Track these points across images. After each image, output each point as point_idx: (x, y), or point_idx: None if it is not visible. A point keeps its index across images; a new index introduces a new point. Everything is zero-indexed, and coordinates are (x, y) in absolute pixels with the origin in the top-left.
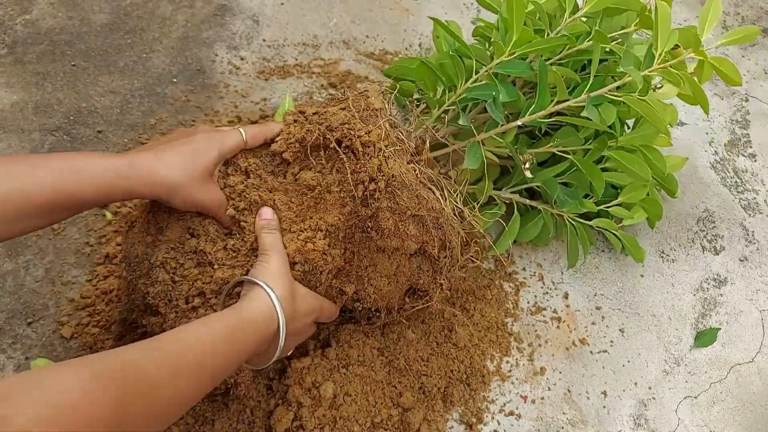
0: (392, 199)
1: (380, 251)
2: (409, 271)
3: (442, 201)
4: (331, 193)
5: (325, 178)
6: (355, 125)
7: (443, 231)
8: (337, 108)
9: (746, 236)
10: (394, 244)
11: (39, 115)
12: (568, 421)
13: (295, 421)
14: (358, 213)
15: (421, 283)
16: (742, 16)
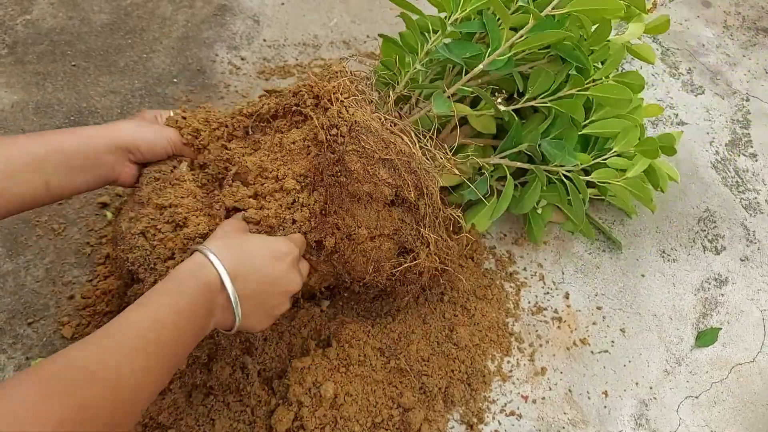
0: (357, 143)
1: (354, 199)
2: (390, 224)
3: (411, 145)
4: (295, 143)
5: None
6: (311, 85)
7: (417, 176)
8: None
9: (747, 236)
10: (367, 189)
11: (39, 116)
12: (569, 421)
13: (296, 421)
14: (325, 158)
15: (406, 239)
16: (743, 16)
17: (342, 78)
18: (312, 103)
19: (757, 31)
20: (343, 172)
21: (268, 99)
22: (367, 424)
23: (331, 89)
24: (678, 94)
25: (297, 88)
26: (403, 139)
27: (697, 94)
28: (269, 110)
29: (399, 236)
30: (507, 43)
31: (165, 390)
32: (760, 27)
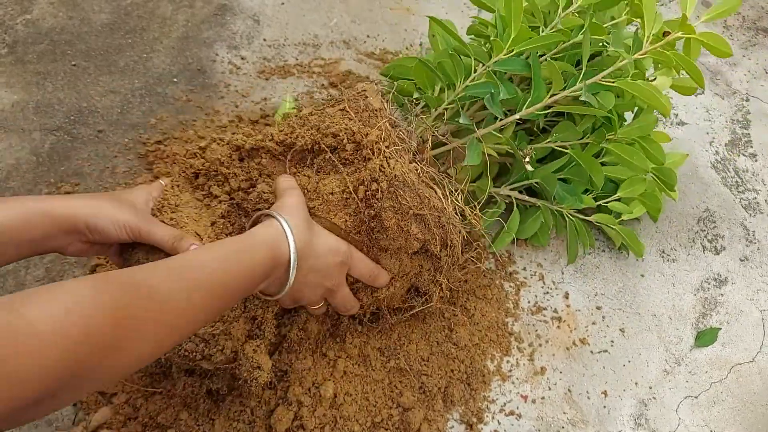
0: (395, 199)
1: (383, 251)
2: (411, 270)
3: (443, 200)
4: (334, 194)
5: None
6: (353, 127)
7: (445, 230)
8: (335, 110)
9: (747, 236)
10: (398, 244)
11: (40, 115)
12: (569, 421)
13: (296, 421)
14: (362, 213)
15: (423, 282)
16: (743, 16)
17: (383, 121)
18: (352, 148)
19: (757, 31)
20: (378, 228)
21: (305, 132)
22: (367, 423)
23: (374, 140)
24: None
25: (337, 131)
26: (437, 193)
27: (696, 94)
28: (303, 146)
29: (415, 279)
30: (549, 99)
31: (165, 392)
32: (759, 27)
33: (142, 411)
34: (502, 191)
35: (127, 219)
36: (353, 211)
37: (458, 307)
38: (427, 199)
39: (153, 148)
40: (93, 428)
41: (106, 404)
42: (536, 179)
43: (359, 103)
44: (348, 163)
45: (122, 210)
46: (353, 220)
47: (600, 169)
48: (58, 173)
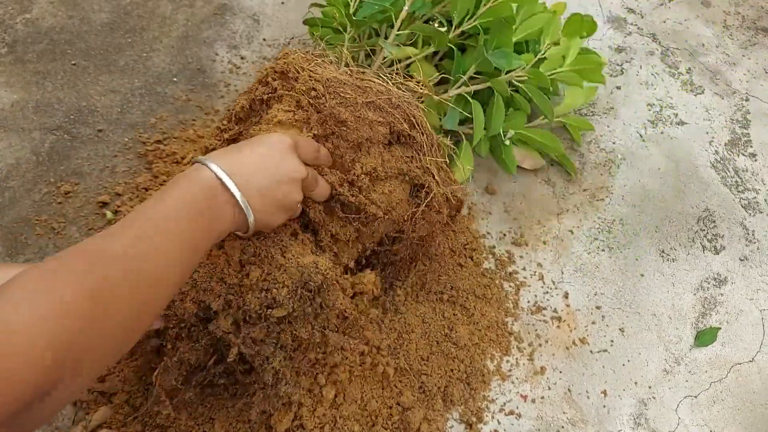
0: (337, 97)
1: (357, 147)
2: (396, 163)
3: (385, 83)
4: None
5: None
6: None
7: (402, 108)
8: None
9: (746, 236)
10: (364, 133)
11: (39, 114)
12: (569, 421)
13: (296, 421)
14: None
15: (415, 174)
16: (742, 16)
17: (295, 53)
18: (280, 84)
19: (757, 31)
20: (338, 125)
21: (239, 98)
22: (367, 423)
23: (293, 60)
24: (677, 93)
25: (261, 76)
26: (376, 81)
27: (696, 94)
28: (243, 108)
29: (407, 173)
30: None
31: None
32: (759, 27)
33: (142, 410)
34: (452, 92)
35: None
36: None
37: (458, 307)
38: (369, 88)
39: (153, 147)
40: (93, 427)
41: (105, 403)
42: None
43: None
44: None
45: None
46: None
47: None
48: (58, 172)
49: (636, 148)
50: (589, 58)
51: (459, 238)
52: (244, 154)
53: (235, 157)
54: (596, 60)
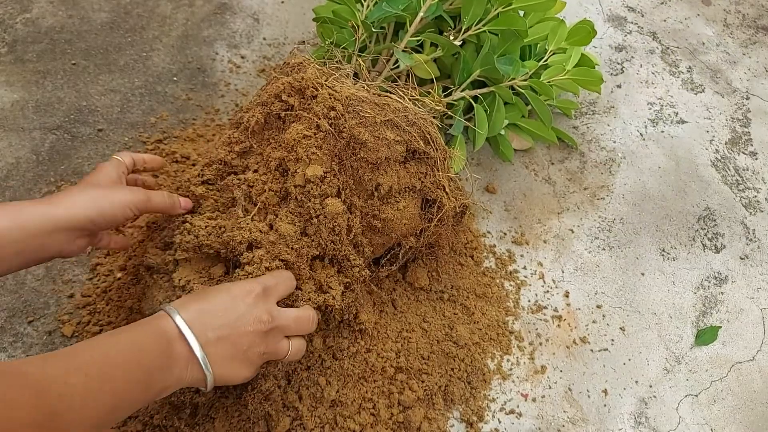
0: (357, 116)
1: (375, 167)
2: (411, 179)
3: (402, 101)
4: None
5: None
6: (288, 81)
7: (418, 125)
8: (269, 85)
9: (747, 234)
10: (383, 153)
11: (39, 114)
12: (569, 420)
13: (296, 421)
14: (336, 142)
15: (428, 190)
16: (743, 14)
17: (311, 64)
18: (297, 100)
19: (757, 30)
20: (358, 146)
21: (253, 110)
22: (367, 422)
23: (311, 77)
24: (678, 92)
25: (277, 90)
26: (392, 98)
27: (697, 93)
28: (257, 122)
29: (421, 189)
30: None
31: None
32: (760, 25)
33: (142, 410)
34: (456, 95)
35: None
36: (327, 146)
37: (458, 306)
38: (387, 106)
39: (153, 146)
40: None
41: None
42: (479, 69)
43: (285, 69)
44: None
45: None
46: (331, 153)
47: (522, 19)
48: (58, 172)
49: (636, 146)
50: (590, 71)
51: (459, 237)
52: (207, 299)
53: (197, 302)
54: (596, 74)
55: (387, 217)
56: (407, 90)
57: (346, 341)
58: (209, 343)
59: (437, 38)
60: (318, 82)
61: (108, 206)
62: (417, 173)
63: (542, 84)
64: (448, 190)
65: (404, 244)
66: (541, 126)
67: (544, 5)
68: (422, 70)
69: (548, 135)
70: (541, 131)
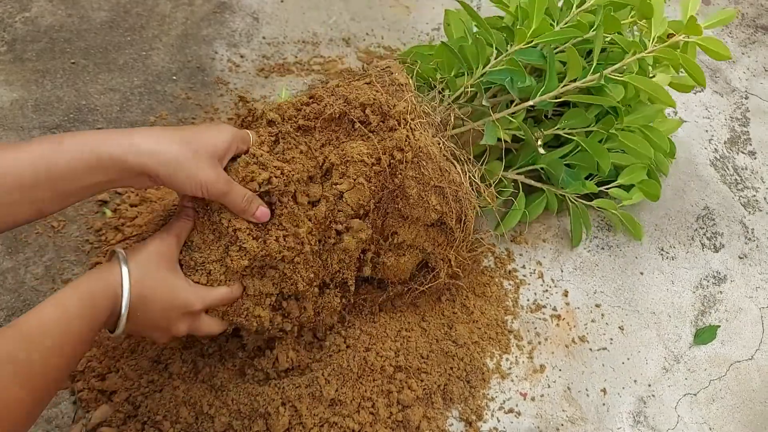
0: (418, 170)
1: (403, 219)
2: (424, 242)
3: (461, 175)
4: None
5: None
6: (380, 98)
7: (461, 204)
8: (361, 83)
9: (746, 234)
10: (417, 213)
11: (39, 113)
12: (568, 419)
13: (295, 419)
14: (386, 181)
15: (433, 257)
16: (742, 14)
17: (409, 95)
18: (377, 120)
19: (756, 29)
20: (401, 196)
21: (333, 99)
22: (366, 421)
23: (402, 111)
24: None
25: (365, 99)
26: (456, 168)
27: (696, 92)
28: (332, 114)
29: (428, 254)
30: (561, 89)
31: (164, 387)
32: (759, 25)
33: (142, 409)
34: (510, 175)
35: (206, 180)
36: (376, 182)
37: (458, 305)
38: (447, 173)
39: None
40: (93, 426)
41: (105, 402)
42: (543, 164)
43: (384, 78)
44: (374, 133)
45: (202, 167)
46: (375, 186)
47: (607, 154)
48: None
49: None
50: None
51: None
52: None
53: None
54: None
55: (386, 263)
56: (471, 167)
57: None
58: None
59: (528, 134)
60: (404, 117)
61: (181, 177)
62: (434, 239)
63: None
64: (451, 268)
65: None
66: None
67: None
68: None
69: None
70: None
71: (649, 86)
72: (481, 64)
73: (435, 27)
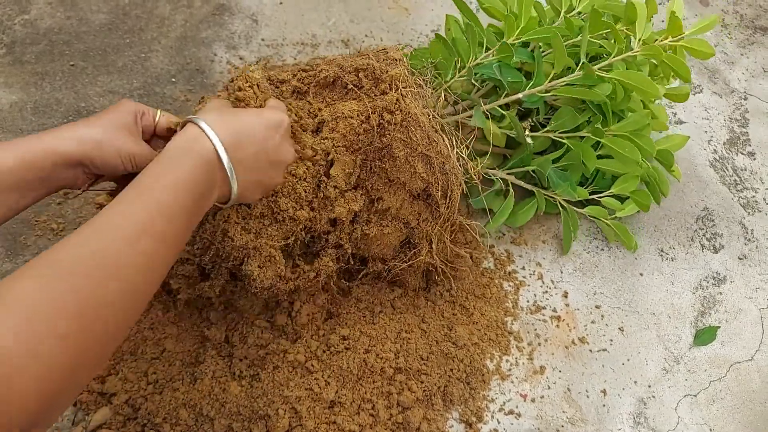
0: (405, 133)
1: (389, 183)
2: (408, 215)
3: (449, 149)
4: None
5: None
6: (374, 65)
7: (447, 177)
8: (357, 57)
9: (745, 234)
10: (403, 178)
11: (38, 115)
12: (568, 420)
13: (295, 420)
14: (374, 140)
15: (417, 233)
16: (740, 15)
17: (402, 67)
18: (370, 84)
19: (755, 30)
20: (388, 157)
21: (329, 66)
22: (366, 423)
23: (394, 75)
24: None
25: (359, 65)
26: (444, 141)
27: (695, 93)
28: (326, 78)
29: (411, 228)
30: (549, 84)
31: (164, 389)
32: (758, 26)
33: (142, 411)
34: (500, 174)
35: (133, 152)
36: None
37: (458, 306)
38: (435, 143)
39: None
40: (92, 428)
41: (105, 404)
42: (533, 167)
43: (380, 56)
44: (366, 95)
45: (124, 139)
46: (364, 143)
47: (593, 155)
48: None
49: None
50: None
51: (459, 238)
52: (243, 124)
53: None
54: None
55: (369, 233)
56: (461, 144)
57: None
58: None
59: (516, 124)
60: (396, 83)
61: (109, 152)
62: (418, 213)
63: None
64: (433, 247)
65: (370, 266)
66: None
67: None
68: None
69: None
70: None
71: (634, 78)
72: (473, 55)
73: (434, 29)
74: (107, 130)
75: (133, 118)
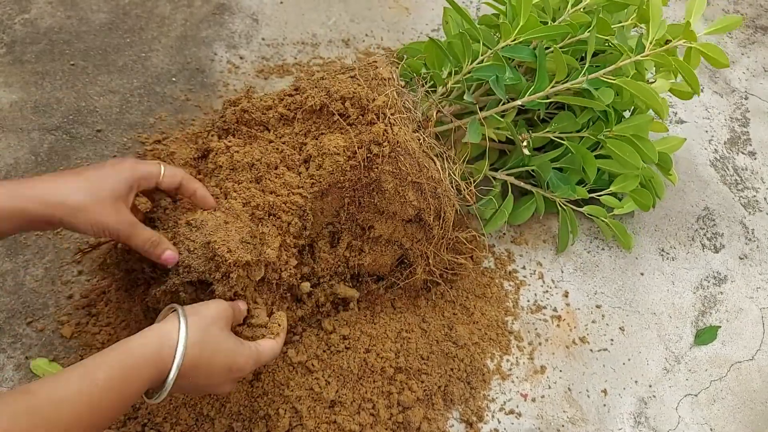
0: (395, 165)
1: (379, 213)
2: (402, 237)
3: (441, 172)
4: (337, 152)
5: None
6: (360, 92)
7: (440, 201)
8: (345, 76)
9: (746, 234)
10: (393, 208)
11: (38, 115)
12: (569, 420)
13: (295, 420)
14: (361, 174)
15: (412, 253)
16: (741, 14)
17: (391, 90)
18: (357, 113)
19: (756, 29)
20: (377, 190)
21: (315, 92)
22: (367, 423)
23: (381, 105)
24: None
25: (346, 93)
26: (435, 165)
27: None
28: (313, 106)
29: (407, 249)
30: (551, 89)
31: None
32: (758, 25)
33: (142, 411)
34: (499, 175)
35: (106, 224)
36: (352, 173)
37: (458, 306)
38: (425, 169)
39: (152, 147)
40: None
41: None
42: (533, 166)
43: (369, 72)
44: (352, 126)
45: (101, 211)
46: (351, 178)
47: (593, 161)
48: None
49: None
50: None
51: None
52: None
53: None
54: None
55: (363, 263)
56: (452, 163)
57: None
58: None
59: (513, 132)
60: (383, 111)
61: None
62: (412, 235)
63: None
64: (429, 265)
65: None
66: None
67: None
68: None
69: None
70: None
71: (639, 90)
72: (468, 60)
73: (434, 28)
74: (88, 195)
75: (127, 188)
